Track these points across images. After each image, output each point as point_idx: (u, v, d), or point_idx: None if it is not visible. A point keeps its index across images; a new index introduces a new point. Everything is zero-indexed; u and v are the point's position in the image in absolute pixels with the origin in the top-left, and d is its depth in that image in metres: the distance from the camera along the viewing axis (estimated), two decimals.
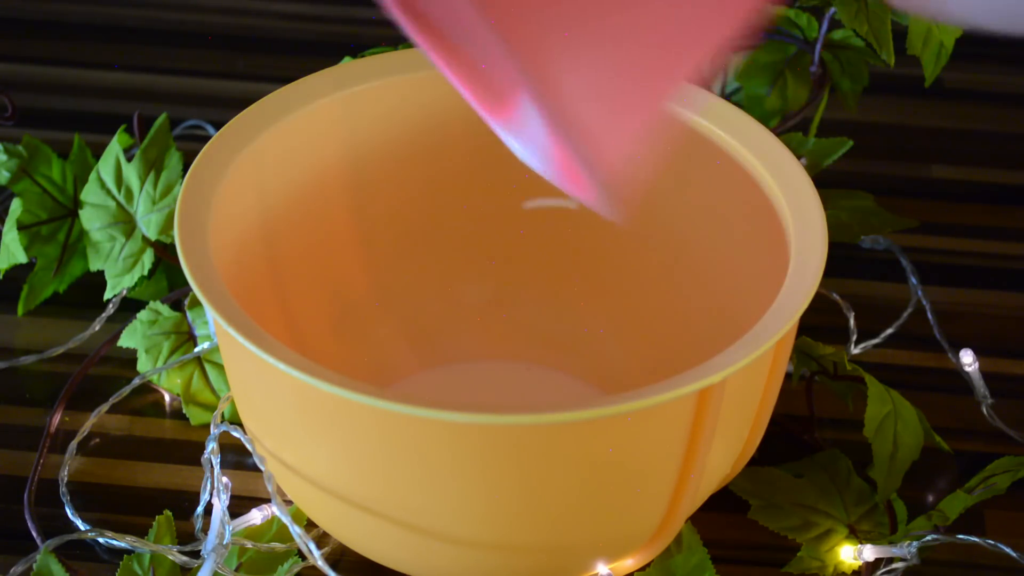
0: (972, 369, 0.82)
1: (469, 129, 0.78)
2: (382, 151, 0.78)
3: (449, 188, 0.80)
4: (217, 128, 0.90)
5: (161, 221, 0.83)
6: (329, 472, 0.66)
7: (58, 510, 0.75)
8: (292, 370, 0.61)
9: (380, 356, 0.81)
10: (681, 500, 0.67)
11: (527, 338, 0.82)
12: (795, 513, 0.75)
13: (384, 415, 0.61)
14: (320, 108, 0.75)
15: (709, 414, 0.64)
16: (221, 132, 0.72)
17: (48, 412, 0.80)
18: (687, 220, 0.77)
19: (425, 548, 0.66)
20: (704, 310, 0.77)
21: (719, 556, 0.73)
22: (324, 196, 0.77)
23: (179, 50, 1.07)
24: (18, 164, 0.85)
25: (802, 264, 0.67)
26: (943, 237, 0.93)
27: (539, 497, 0.64)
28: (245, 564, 0.72)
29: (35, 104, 1.01)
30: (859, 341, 0.85)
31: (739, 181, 0.72)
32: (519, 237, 0.81)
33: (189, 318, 0.82)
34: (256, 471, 0.76)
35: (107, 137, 0.87)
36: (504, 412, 0.60)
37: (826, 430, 0.80)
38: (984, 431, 0.81)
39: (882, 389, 0.76)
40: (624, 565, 0.71)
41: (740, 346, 0.63)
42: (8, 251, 0.84)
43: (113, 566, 0.73)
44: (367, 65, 0.76)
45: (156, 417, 0.81)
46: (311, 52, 1.07)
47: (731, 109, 0.74)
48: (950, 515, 0.74)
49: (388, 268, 0.81)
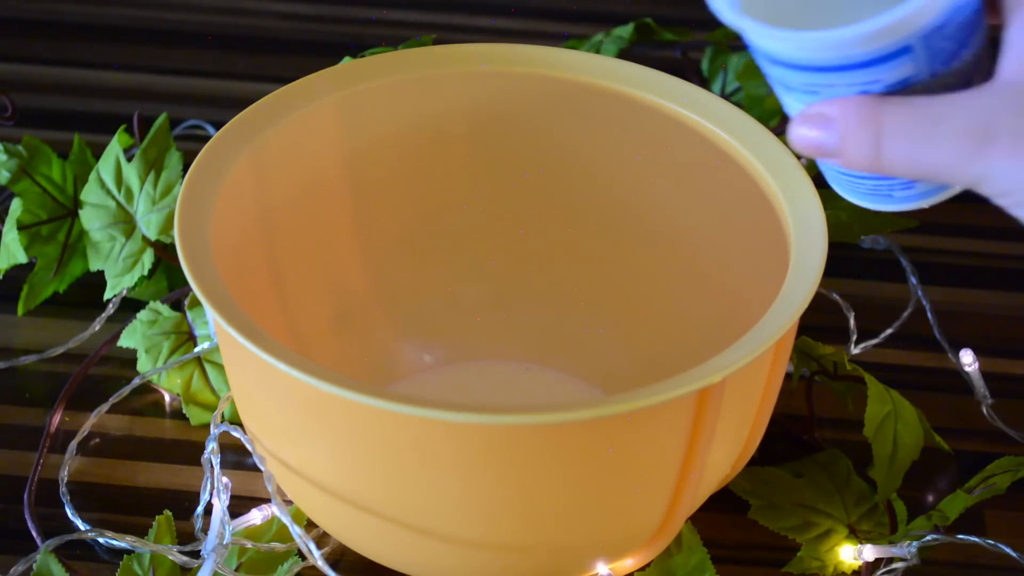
0: (972, 369, 0.82)
1: (469, 129, 0.78)
2: (382, 151, 0.78)
3: (449, 188, 0.80)
4: (217, 128, 0.90)
5: (161, 221, 0.83)
6: (329, 472, 0.66)
7: (58, 510, 0.75)
8: (292, 370, 0.61)
9: (380, 356, 0.81)
10: (681, 500, 0.67)
11: (527, 338, 0.82)
12: (795, 513, 0.75)
13: (384, 415, 0.61)
14: (320, 108, 0.75)
15: (709, 414, 0.64)
16: (221, 132, 0.72)
17: (48, 412, 0.80)
18: (687, 220, 0.77)
19: (425, 548, 0.66)
20: (704, 310, 0.77)
21: (719, 556, 0.73)
22: (324, 196, 0.77)
23: (179, 50, 1.07)
24: (18, 164, 0.85)
25: (802, 264, 0.67)
26: (943, 237, 0.93)
27: (539, 497, 0.64)
28: (245, 564, 0.72)
29: (35, 104, 1.01)
30: (859, 341, 0.85)
31: (739, 181, 0.72)
32: (519, 237, 0.81)
33: (189, 318, 0.82)
34: (256, 471, 0.76)
35: (107, 137, 0.87)
36: (504, 412, 0.60)
37: (826, 430, 0.80)
38: (984, 431, 0.81)
39: (882, 389, 0.76)
40: (624, 565, 0.71)
41: (740, 346, 0.63)
42: (8, 251, 0.84)
43: (113, 566, 0.73)
44: (367, 65, 0.76)
45: (156, 417, 0.81)
46: (311, 52, 1.07)
47: (731, 109, 0.74)
48: (950, 515, 0.74)
49: (388, 268, 0.81)
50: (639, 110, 0.76)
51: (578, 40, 1.00)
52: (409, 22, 1.10)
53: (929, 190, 0.60)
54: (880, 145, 0.54)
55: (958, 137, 0.53)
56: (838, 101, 0.56)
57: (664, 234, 0.78)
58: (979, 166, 0.53)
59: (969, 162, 0.53)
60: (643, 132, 0.76)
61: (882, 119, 0.54)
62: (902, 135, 0.54)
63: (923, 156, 0.54)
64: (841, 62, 0.55)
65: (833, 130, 0.55)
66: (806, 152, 0.56)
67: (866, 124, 0.54)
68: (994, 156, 0.52)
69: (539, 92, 0.77)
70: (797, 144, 0.57)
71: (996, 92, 0.53)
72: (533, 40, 0.86)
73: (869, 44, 0.54)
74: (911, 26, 0.54)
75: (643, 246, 0.79)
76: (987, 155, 0.52)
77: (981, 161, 0.53)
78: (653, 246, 0.79)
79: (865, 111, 0.54)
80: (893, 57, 0.55)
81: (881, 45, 0.54)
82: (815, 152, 0.56)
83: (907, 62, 0.55)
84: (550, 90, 0.77)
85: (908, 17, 0.54)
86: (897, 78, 0.55)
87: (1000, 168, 0.52)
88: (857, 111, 0.55)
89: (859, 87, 0.56)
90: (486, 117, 0.78)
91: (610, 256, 0.80)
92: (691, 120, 0.74)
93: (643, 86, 0.75)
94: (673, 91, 0.75)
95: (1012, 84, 0.53)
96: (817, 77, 0.56)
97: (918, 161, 0.54)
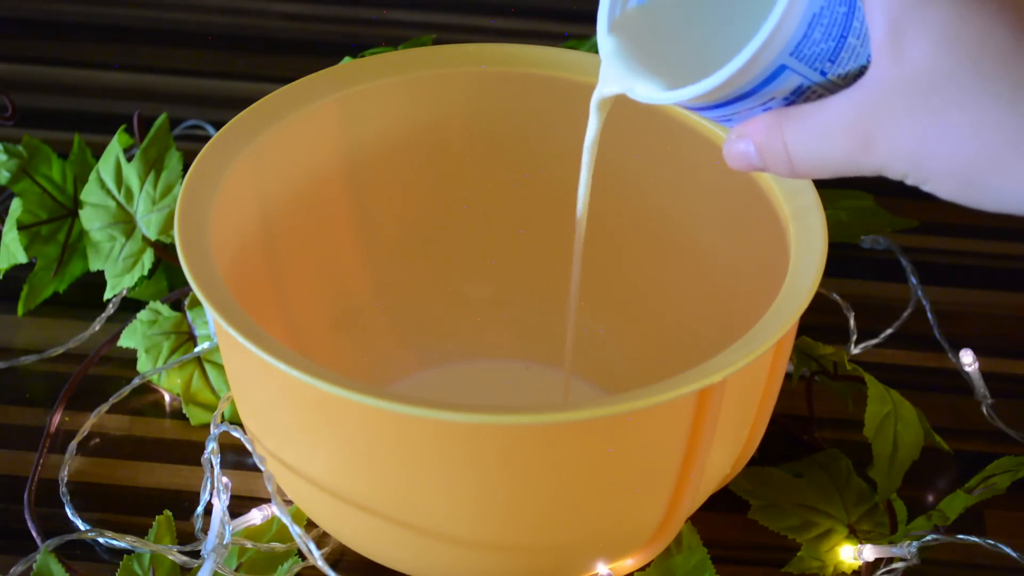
0: (972, 369, 0.82)
1: (469, 129, 0.78)
2: (382, 151, 0.78)
3: (449, 188, 0.80)
4: (217, 128, 0.90)
5: (161, 221, 0.83)
6: (329, 472, 0.66)
7: (58, 510, 0.75)
8: (291, 370, 0.61)
9: (380, 356, 0.81)
10: (681, 500, 0.67)
11: (527, 338, 0.82)
12: (795, 513, 0.75)
13: (384, 415, 0.61)
14: (320, 108, 0.75)
15: (709, 414, 0.64)
16: (221, 132, 0.72)
17: (48, 412, 0.80)
18: (687, 220, 0.77)
19: (425, 548, 0.66)
20: (704, 310, 0.77)
21: (719, 556, 0.73)
22: (324, 196, 0.77)
23: (179, 50, 1.07)
24: (18, 164, 0.85)
25: (802, 264, 0.67)
26: (943, 237, 0.93)
27: (540, 497, 0.64)
28: (245, 564, 0.72)
29: (35, 104, 1.01)
30: (859, 341, 0.85)
31: (739, 181, 0.72)
32: (519, 237, 0.81)
33: (189, 318, 0.82)
34: (256, 471, 0.76)
35: (107, 137, 0.87)
36: (504, 412, 0.60)
37: (826, 430, 0.80)
38: (984, 431, 0.81)
39: (882, 389, 0.76)
40: (624, 565, 0.71)
41: (740, 346, 0.63)
42: (8, 251, 0.84)
43: (113, 566, 0.73)
44: (367, 65, 0.76)
45: (156, 417, 0.81)
46: (311, 52, 1.07)
47: None
48: (950, 515, 0.74)
49: (388, 268, 0.81)
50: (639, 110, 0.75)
51: (578, 40, 1.00)
52: (409, 22, 1.10)
53: None
54: (789, 155, 0.58)
55: (846, 138, 0.56)
56: (748, 122, 0.59)
57: (664, 234, 0.78)
58: (873, 160, 0.56)
59: (864, 158, 0.56)
60: (643, 132, 0.76)
61: (783, 132, 0.58)
62: (802, 143, 0.57)
63: (826, 159, 0.57)
64: (727, 98, 0.58)
65: (752, 147, 0.59)
66: (742, 169, 0.60)
67: (773, 138, 0.58)
68: (878, 152, 0.56)
69: (539, 92, 0.77)
70: (731, 164, 0.61)
71: (866, 89, 0.56)
72: (533, 40, 0.86)
73: (740, 80, 0.56)
74: (770, 53, 0.56)
75: (643, 246, 0.79)
76: (874, 149, 0.56)
77: (872, 156, 0.56)
78: (653, 246, 0.79)
79: (769, 128, 0.58)
80: (773, 78, 0.57)
81: (753, 76, 0.56)
82: (748, 168, 0.60)
83: (790, 76, 0.57)
84: (550, 90, 0.77)
85: (758, 53, 0.55)
86: (789, 90, 0.57)
87: (886, 158, 0.56)
88: (764, 128, 0.58)
89: (760, 107, 0.58)
90: (486, 117, 0.78)
91: (610, 256, 0.80)
92: (691, 120, 0.74)
93: None
94: None
95: (876, 80, 0.55)
96: (720, 111, 0.59)
97: (824, 163, 0.57)
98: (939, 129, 0.54)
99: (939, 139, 0.54)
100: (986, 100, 0.54)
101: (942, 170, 0.55)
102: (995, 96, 0.54)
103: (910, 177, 0.56)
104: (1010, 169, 0.54)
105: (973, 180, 0.55)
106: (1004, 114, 0.54)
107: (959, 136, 0.54)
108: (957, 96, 0.54)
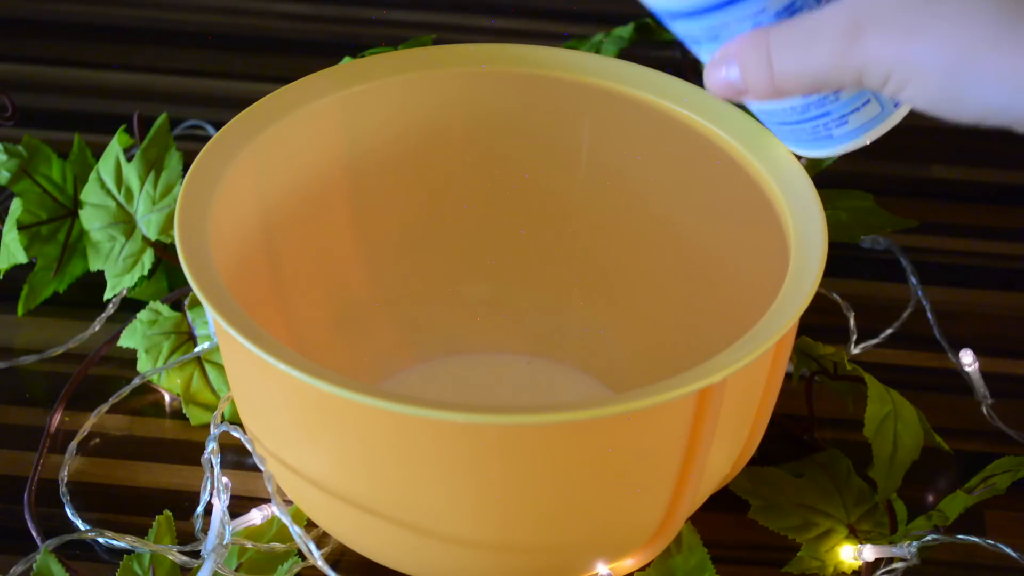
0: (972, 369, 0.82)
1: (469, 129, 0.78)
2: (382, 151, 0.78)
3: (449, 188, 0.80)
4: (217, 128, 0.90)
5: (161, 221, 0.83)
6: (329, 472, 0.66)
7: (58, 510, 0.75)
8: (291, 370, 0.61)
9: (380, 356, 0.81)
10: (681, 500, 0.67)
11: (527, 338, 0.82)
12: (795, 513, 0.75)
13: (384, 415, 0.61)
14: (320, 108, 0.75)
15: (709, 414, 0.64)
16: (221, 132, 0.72)
17: (48, 412, 0.80)
18: (687, 220, 0.77)
19: (425, 548, 0.66)
20: (704, 310, 0.77)
21: (719, 556, 0.73)
22: (324, 196, 0.77)
23: (179, 50, 1.07)
24: (18, 164, 0.85)
25: (802, 264, 0.67)
26: (943, 237, 0.93)
27: (539, 497, 0.64)
28: (245, 564, 0.72)
29: (35, 104, 1.01)
30: (859, 341, 0.85)
31: (739, 181, 0.72)
32: (519, 237, 0.81)
33: (189, 318, 0.82)
34: (256, 471, 0.76)
35: (107, 137, 0.87)
36: (504, 412, 0.60)
37: (826, 430, 0.80)
38: (984, 431, 0.81)
39: (882, 389, 0.76)
40: (624, 565, 0.71)
41: (740, 346, 0.63)
42: (8, 251, 0.84)
43: (113, 566, 0.73)
44: (367, 65, 0.76)
45: (156, 417, 0.81)
46: (311, 52, 1.07)
47: (731, 109, 0.74)
48: (950, 515, 0.74)
49: (388, 268, 0.81)
50: (639, 110, 0.76)
51: (578, 40, 1.00)
52: (409, 22, 1.10)
53: (863, 124, 0.67)
54: (771, 64, 0.61)
55: (833, 38, 0.59)
56: (733, 41, 0.62)
57: (664, 234, 0.78)
58: (858, 57, 0.59)
59: (848, 56, 0.59)
60: (643, 132, 0.76)
61: (768, 41, 0.61)
62: (787, 50, 0.60)
63: (808, 64, 0.60)
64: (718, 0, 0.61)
65: (734, 64, 0.62)
66: (721, 95, 0.63)
67: (757, 49, 0.61)
68: (868, 45, 0.58)
69: (539, 92, 0.77)
70: (712, 88, 0.64)
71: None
72: (533, 40, 0.86)
73: None
74: None
75: (643, 246, 0.79)
76: (862, 46, 0.58)
77: (858, 52, 0.59)
78: (653, 246, 0.79)
79: (755, 39, 0.62)
80: None
81: None
82: (728, 92, 0.63)
83: None
84: (550, 90, 0.77)
85: None
86: (782, 4, 0.61)
87: (875, 53, 0.58)
88: (750, 40, 0.62)
89: (751, 21, 0.61)
90: (486, 117, 0.78)
91: (610, 256, 0.80)
92: (691, 120, 0.74)
93: (643, 86, 0.75)
94: (673, 91, 0.75)
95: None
96: (711, 19, 0.62)
97: (805, 69, 0.60)
98: (929, 20, 0.57)
99: (929, 30, 0.57)
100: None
101: (927, 64, 0.57)
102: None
103: (892, 79, 0.58)
104: (993, 62, 0.56)
105: (956, 75, 0.57)
106: (992, 7, 0.56)
107: (948, 29, 0.57)
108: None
